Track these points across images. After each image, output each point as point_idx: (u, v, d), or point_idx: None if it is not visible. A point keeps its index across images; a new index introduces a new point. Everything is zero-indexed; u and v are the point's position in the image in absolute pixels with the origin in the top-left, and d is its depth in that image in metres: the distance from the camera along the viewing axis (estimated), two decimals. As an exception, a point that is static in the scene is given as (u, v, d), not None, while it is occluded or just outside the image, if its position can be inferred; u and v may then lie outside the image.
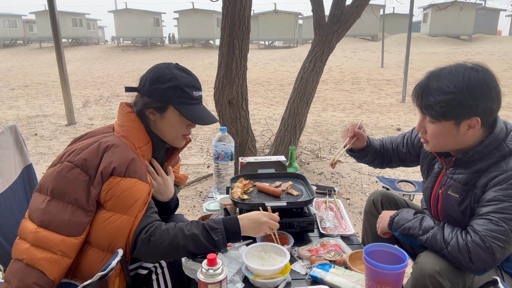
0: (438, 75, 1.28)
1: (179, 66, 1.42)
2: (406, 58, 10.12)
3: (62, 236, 1.19)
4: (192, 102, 1.39)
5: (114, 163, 1.24)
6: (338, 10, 3.96)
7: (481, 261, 1.18)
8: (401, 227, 1.39)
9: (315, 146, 5.68)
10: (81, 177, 1.22)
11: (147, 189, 1.31)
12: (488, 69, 1.28)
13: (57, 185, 1.22)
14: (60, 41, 7.18)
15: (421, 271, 1.24)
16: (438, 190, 1.45)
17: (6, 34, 31.75)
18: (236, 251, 1.42)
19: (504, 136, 1.29)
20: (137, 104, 1.39)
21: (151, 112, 1.39)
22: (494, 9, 28.95)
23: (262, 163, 2.19)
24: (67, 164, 1.24)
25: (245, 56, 3.63)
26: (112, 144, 1.28)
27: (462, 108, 1.23)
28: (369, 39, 27.46)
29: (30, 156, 1.71)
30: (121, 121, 1.38)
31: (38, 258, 1.18)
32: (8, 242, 1.38)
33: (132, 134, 1.36)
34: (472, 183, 1.31)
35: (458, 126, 1.27)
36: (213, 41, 29.81)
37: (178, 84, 1.35)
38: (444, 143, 1.34)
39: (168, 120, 1.39)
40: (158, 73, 1.37)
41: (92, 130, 1.43)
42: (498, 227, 1.18)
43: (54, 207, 1.21)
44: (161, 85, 1.35)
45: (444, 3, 11.56)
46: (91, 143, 1.29)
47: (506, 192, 1.21)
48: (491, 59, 17.19)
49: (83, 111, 8.96)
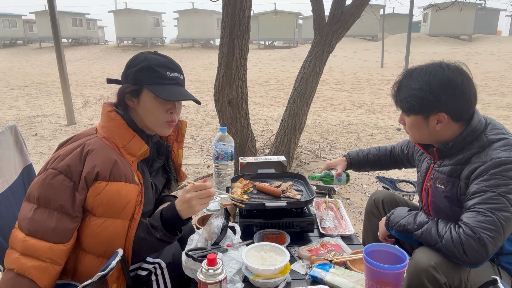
0: (411, 73, 1.39)
1: (155, 52, 1.42)
2: (406, 58, 10.14)
3: (50, 244, 1.19)
4: (165, 82, 1.35)
5: (98, 167, 1.23)
6: (338, 10, 3.95)
7: (474, 253, 1.20)
8: (396, 224, 1.42)
9: (315, 146, 5.68)
10: (65, 183, 1.22)
11: (136, 189, 1.30)
12: (458, 67, 1.35)
13: (42, 192, 1.22)
14: (60, 41, 7.19)
15: (416, 266, 1.26)
16: (427, 183, 1.51)
17: (6, 34, 31.75)
18: (236, 251, 1.42)
19: (483, 128, 1.35)
20: (118, 94, 1.39)
21: (128, 98, 1.37)
22: (494, 9, 28.96)
23: (262, 163, 2.19)
24: (51, 171, 1.23)
25: (245, 56, 3.63)
26: (93, 148, 1.26)
27: (425, 104, 1.34)
28: (369, 39, 27.46)
29: (30, 156, 1.71)
30: (103, 122, 1.36)
31: (27, 267, 1.17)
32: (7, 242, 1.37)
33: (113, 134, 1.33)
34: (456, 174, 1.36)
35: (427, 120, 1.37)
36: (213, 41, 29.82)
37: (149, 65, 1.34)
38: (419, 135, 1.44)
39: (144, 103, 1.36)
40: (132, 58, 1.39)
41: (77, 133, 1.41)
42: (486, 218, 1.21)
43: (40, 215, 1.21)
44: (134, 68, 1.35)
45: (444, 3, 11.56)
46: (74, 147, 1.28)
47: (488, 183, 1.24)
48: (491, 59, 17.20)
49: (83, 111, 8.96)
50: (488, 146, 1.31)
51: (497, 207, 1.21)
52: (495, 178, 1.24)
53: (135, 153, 1.37)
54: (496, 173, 1.24)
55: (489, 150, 1.29)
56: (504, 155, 1.25)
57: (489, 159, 1.27)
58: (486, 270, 1.31)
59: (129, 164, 1.34)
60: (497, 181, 1.23)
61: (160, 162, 1.58)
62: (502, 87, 11.48)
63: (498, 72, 13.98)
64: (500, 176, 1.23)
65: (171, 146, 1.61)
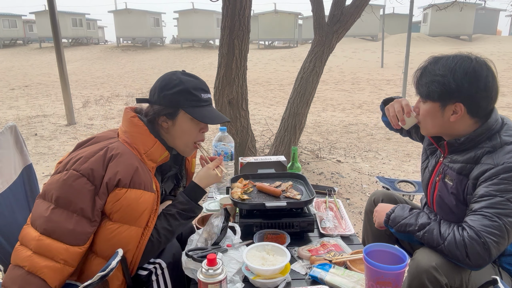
0: (437, 60, 1.37)
1: (185, 72, 1.43)
2: (406, 58, 10.12)
3: (66, 245, 1.19)
4: (201, 104, 1.40)
5: (120, 174, 1.23)
6: (338, 10, 3.95)
7: (478, 256, 1.19)
8: (397, 224, 1.40)
9: (315, 146, 5.68)
10: (87, 186, 1.21)
11: (153, 198, 1.31)
12: (485, 61, 1.34)
13: (63, 193, 1.21)
14: (60, 41, 7.19)
15: (417, 267, 1.25)
16: (435, 177, 1.49)
17: (6, 34, 31.72)
18: (236, 251, 1.42)
19: (498, 128, 1.33)
20: (148, 114, 1.39)
21: (163, 120, 1.39)
22: (494, 9, 28.96)
23: (262, 163, 2.19)
24: (73, 173, 1.22)
25: (245, 56, 3.63)
26: (116, 153, 1.27)
27: (445, 91, 1.31)
28: (369, 39, 27.46)
29: (30, 156, 1.70)
30: (125, 127, 1.37)
31: (40, 266, 1.17)
32: (8, 242, 1.37)
33: (135, 140, 1.34)
34: (466, 173, 1.34)
35: (443, 109, 1.34)
36: (213, 41, 29.80)
37: (185, 88, 1.36)
38: (432, 125, 1.41)
39: (180, 125, 1.39)
40: (166, 80, 1.38)
41: (96, 134, 1.42)
42: (493, 223, 1.20)
43: (58, 215, 1.20)
44: (169, 91, 1.35)
45: (444, 3, 11.56)
46: (96, 150, 1.28)
47: (498, 187, 1.23)
48: (491, 59, 16.86)
49: (83, 111, 8.96)
50: (500, 147, 1.28)
51: (504, 213, 1.20)
52: (505, 183, 1.22)
53: (156, 159, 1.38)
54: (506, 178, 1.22)
55: (501, 153, 1.27)
56: None
57: (500, 163, 1.24)
58: (487, 271, 1.30)
59: (148, 171, 1.34)
60: (506, 186, 1.21)
61: (174, 171, 1.60)
62: (502, 87, 11.43)
63: (498, 72, 13.90)
64: (510, 181, 1.22)
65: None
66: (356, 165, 4.85)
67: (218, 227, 1.47)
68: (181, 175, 1.68)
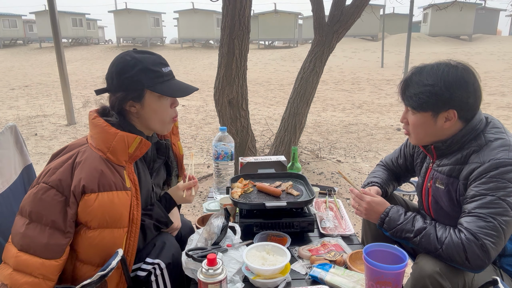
0: (420, 70, 1.37)
1: (137, 49, 1.37)
2: (406, 58, 10.13)
3: (42, 260, 1.18)
4: (165, 79, 1.34)
5: (83, 180, 1.21)
6: (338, 10, 3.95)
7: (477, 259, 1.19)
8: (393, 229, 1.38)
9: (315, 146, 5.68)
10: (57, 198, 1.20)
11: (128, 195, 1.28)
12: (468, 66, 1.35)
13: (34, 207, 1.20)
14: (60, 41, 7.19)
15: (421, 271, 1.24)
16: (427, 184, 1.49)
17: (6, 34, 31.70)
18: (236, 251, 1.42)
19: (482, 127, 1.34)
20: (113, 105, 1.34)
21: (130, 105, 1.33)
22: (494, 9, 28.95)
23: (262, 163, 2.19)
24: (43, 186, 1.21)
25: (245, 56, 3.63)
26: (80, 160, 1.25)
27: (439, 100, 1.31)
28: (369, 39, 27.45)
29: (30, 156, 1.70)
30: (90, 131, 1.33)
31: (20, 283, 1.17)
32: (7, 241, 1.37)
33: (98, 141, 1.28)
34: (455, 174, 1.35)
35: (436, 117, 1.34)
36: (213, 41, 29.80)
37: (144, 66, 1.30)
38: (424, 134, 1.40)
39: (149, 105, 1.34)
40: (121, 63, 1.31)
41: (70, 143, 1.38)
42: (488, 223, 1.20)
43: (32, 230, 1.20)
44: (128, 73, 1.29)
45: (444, 3, 11.57)
46: (65, 160, 1.26)
47: (487, 186, 1.23)
48: (491, 59, 17.20)
49: (83, 111, 8.95)
50: (485, 145, 1.29)
51: (497, 212, 1.19)
52: (494, 181, 1.22)
53: (125, 150, 1.29)
54: (495, 175, 1.22)
55: (487, 150, 1.28)
56: (502, 156, 1.23)
57: (487, 160, 1.25)
58: (489, 273, 1.30)
59: (120, 168, 1.29)
60: (496, 184, 1.21)
61: (160, 161, 1.58)
62: (502, 87, 11.47)
63: (498, 72, 13.96)
64: (499, 178, 1.22)
65: (170, 140, 1.60)
66: (356, 165, 4.85)
67: (218, 227, 1.47)
68: (171, 163, 1.63)
